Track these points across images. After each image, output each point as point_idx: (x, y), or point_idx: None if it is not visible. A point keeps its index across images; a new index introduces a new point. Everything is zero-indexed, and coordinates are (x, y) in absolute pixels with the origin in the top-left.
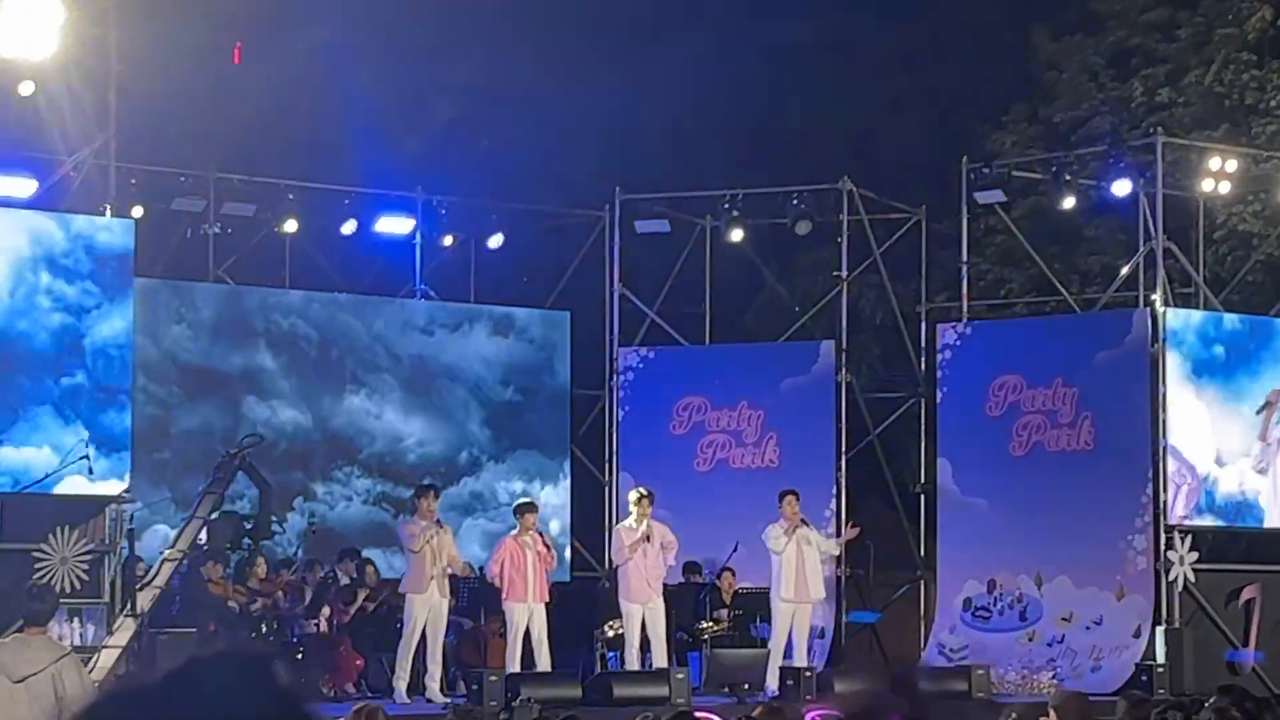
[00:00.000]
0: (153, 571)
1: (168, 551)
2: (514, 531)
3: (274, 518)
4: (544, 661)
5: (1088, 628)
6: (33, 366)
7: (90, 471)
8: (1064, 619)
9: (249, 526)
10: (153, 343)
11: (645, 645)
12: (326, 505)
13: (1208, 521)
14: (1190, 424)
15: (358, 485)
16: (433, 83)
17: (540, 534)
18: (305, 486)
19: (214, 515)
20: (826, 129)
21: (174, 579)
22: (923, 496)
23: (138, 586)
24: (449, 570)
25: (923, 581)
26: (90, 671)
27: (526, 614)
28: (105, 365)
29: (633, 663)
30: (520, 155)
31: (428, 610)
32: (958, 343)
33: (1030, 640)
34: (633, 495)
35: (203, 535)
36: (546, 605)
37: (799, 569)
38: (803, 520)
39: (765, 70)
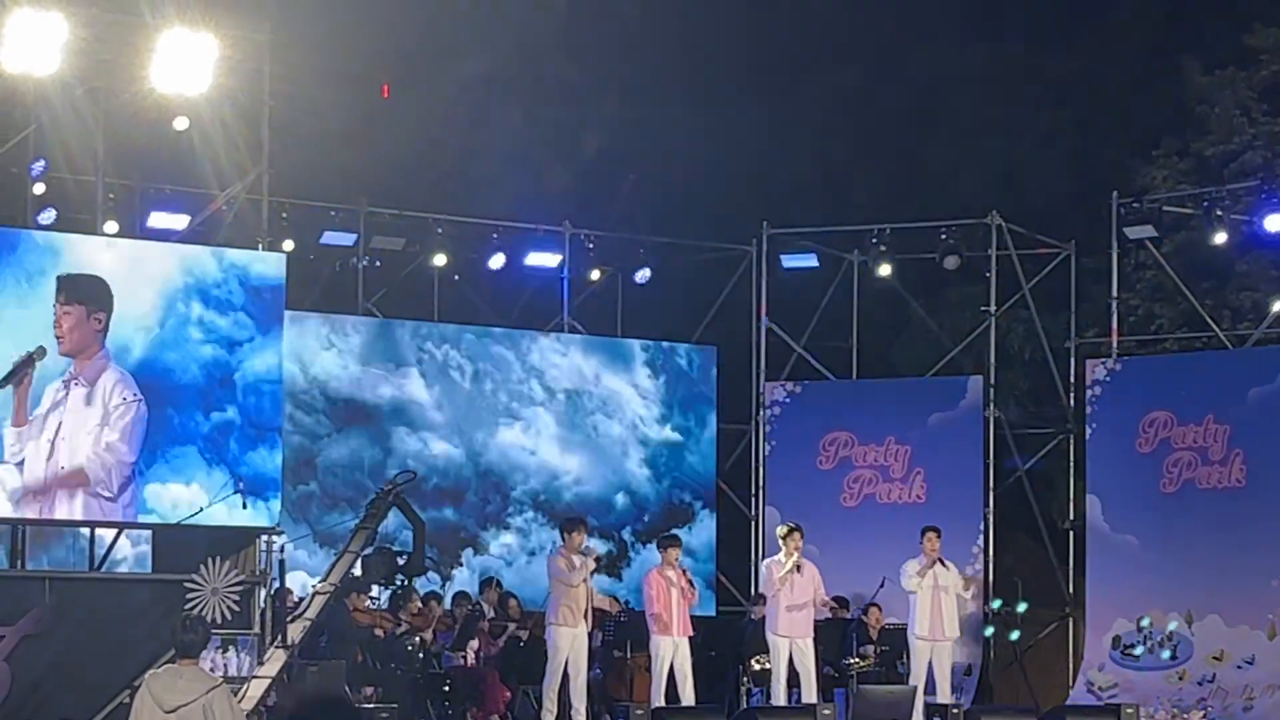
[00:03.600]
0: (304, 604)
1: (319, 584)
2: (658, 566)
3: (428, 555)
4: (688, 696)
5: (1239, 667)
6: (182, 400)
7: (244, 506)
8: (1215, 658)
9: (401, 562)
10: (301, 371)
11: (793, 681)
12: (503, 560)
13: None
14: None
15: (541, 536)
16: (580, 117)
17: (683, 570)
18: (474, 537)
19: (367, 550)
20: (975, 163)
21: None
22: (1071, 533)
23: (288, 618)
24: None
25: (1071, 619)
26: (240, 701)
27: (671, 648)
28: (256, 401)
29: (780, 698)
30: (668, 189)
31: (572, 643)
32: (1107, 378)
33: (1180, 679)
34: (781, 530)
35: (356, 569)
36: (691, 639)
37: (934, 607)
38: (939, 559)
39: (913, 104)
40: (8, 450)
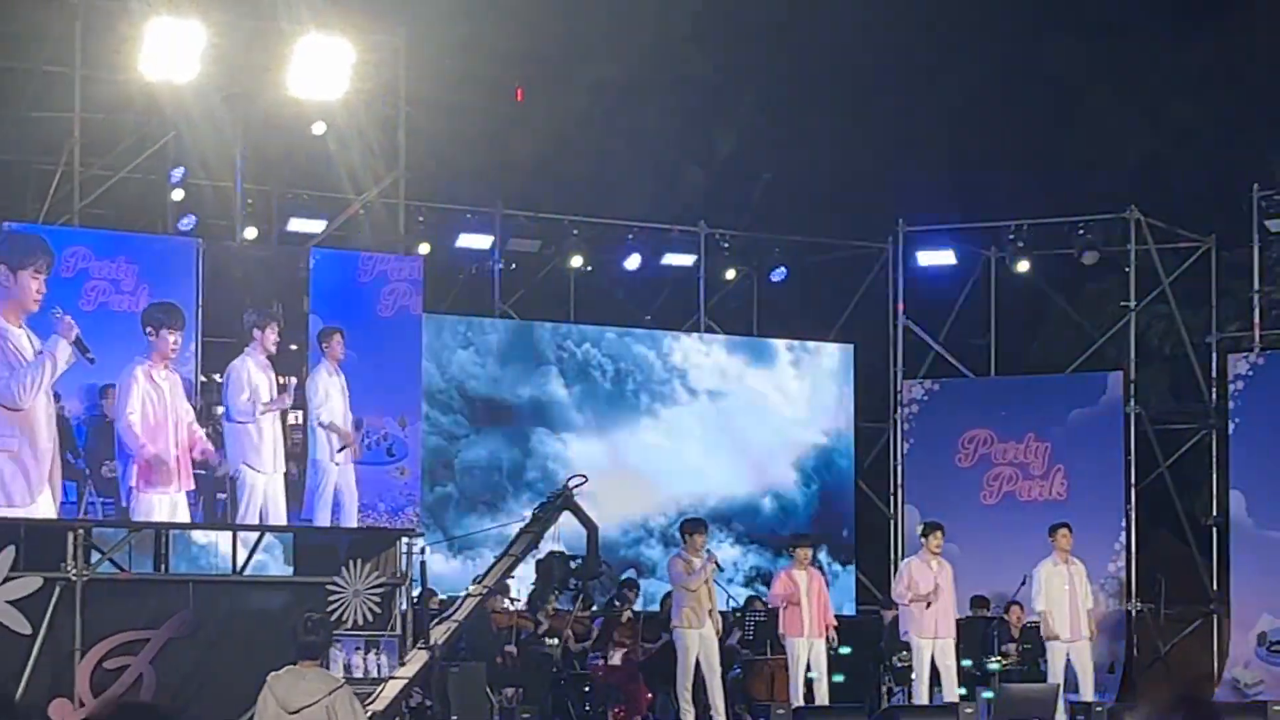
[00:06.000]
0: (455, 605)
1: (473, 587)
2: (790, 565)
3: (601, 559)
4: (822, 695)
5: None
6: None
7: None
8: None
9: (573, 566)
10: (438, 370)
11: (934, 679)
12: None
13: None
14: None
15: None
16: (715, 116)
17: (819, 568)
18: (636, 558)
19: (536, 555)
20: (1113, 157)
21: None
22: (1215, 529)
23: (436, 620)
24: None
25: (1216, 616)
26: (373, 702)
27: (806, 648)
28: None
29: (922, 697)
30: (802, 187)
31: (699, 644)
32: (1250, 373)
33: None
34: (920, 529)
35: (516, 572)
36: (831, 637)
37: (1071, 605)
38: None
39: (1050, 98)
40: None
